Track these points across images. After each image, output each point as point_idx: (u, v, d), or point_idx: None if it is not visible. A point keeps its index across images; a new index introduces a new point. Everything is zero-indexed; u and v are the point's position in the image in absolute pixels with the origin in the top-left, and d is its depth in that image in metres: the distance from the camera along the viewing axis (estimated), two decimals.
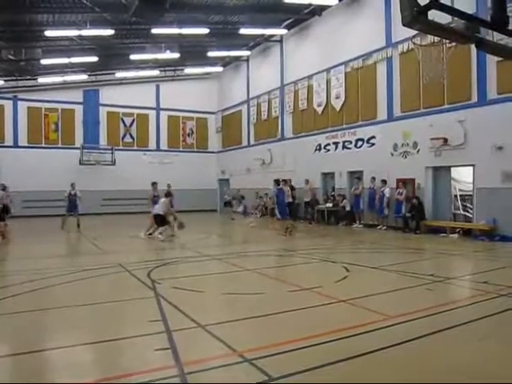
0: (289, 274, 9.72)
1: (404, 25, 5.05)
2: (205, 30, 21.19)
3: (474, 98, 15.27)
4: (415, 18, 4.96)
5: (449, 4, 5.63)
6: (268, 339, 5.14)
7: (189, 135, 32.38)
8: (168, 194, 15.16)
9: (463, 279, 8.37)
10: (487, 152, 14.51)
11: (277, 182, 16.14)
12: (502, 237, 12.69)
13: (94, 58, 23.81)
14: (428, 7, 4.98)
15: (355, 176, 17.17)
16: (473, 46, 14.28)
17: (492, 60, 14.33)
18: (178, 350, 4.78)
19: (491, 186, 12.34)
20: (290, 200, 16.64)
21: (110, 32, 19.60)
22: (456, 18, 5.74)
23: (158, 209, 14.58)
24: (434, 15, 5.23)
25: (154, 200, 16.00)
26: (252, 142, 29.14)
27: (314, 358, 4.60)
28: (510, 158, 14.00)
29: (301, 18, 22.83)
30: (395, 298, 7.58)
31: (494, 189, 11.79)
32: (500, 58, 13.42)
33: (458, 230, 14.86)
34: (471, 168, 15.00)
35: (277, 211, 16.08)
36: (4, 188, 16.64)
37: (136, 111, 30.53)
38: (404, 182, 17.29)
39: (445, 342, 5.24)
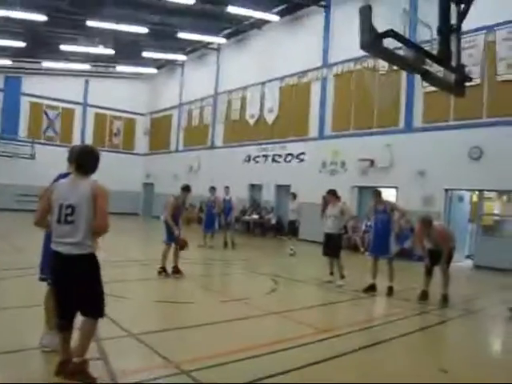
0: (218, 284, 9.55)
1: (362, 48, 5.17)
2: (143, 30, 20.64)
3: (401, 125, 16.05)
4: (372, 43, 5.09)
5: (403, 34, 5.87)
6: (202, 350, 4.95)
7: (115, 135, 31.28)
8: None
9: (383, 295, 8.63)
10: (410, 176, 15.29)
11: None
12: (419, 257, 13.29)
13: (21, 44, 22.34)
14: (385, 34, 5.13)
15: (290, 192, 16.92)
16: (403, 76, 15.01)
17: (420, 90, 15.16)
18: (110, 360, 4.44)
19: (412, 208, 12.92)
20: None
21: (42, 18, 18.47)
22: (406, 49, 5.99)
23: None
24: (388, 44, 5.41)
25: None
26: (181, 147, 28.71)
27: (250, 370, 4.48)
28: (430, 183, 14.84)
29: (241, 29, 22.90)
30: (325, 311, 7.69)
31: (414, 212, 12.33)
32: (427, 90, 14.27)
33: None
34: (394, 190, 15.69)
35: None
36: None
37: (61, 105, 28.96)
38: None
39: (379, 355, 5.34)
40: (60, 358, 3.98)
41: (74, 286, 3.88)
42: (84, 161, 4.04)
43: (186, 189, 9.70)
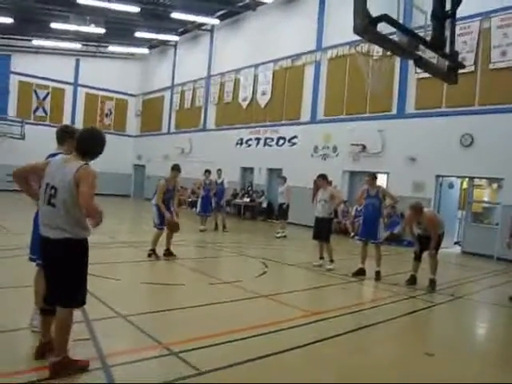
0: (208, 267, 9.57)
1: (355, 32, 5.13)
2: (135, 9, 20.33)
3: (394, 110, 16.05)
4: (366, 27, 5.05)
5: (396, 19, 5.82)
6: (192, 332, 4.97)
7: (107, 116, 30.96)
8: None
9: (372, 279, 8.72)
10: (401, 162, 15.34)
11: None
12: (408, 242, 13.41)
13: (9, 20, 21.91)
14: (378, 19, 5.10)
15: (280, 175, 16.93)
16: (397, 61, 14.96)
17: (413, 77, 15.15)
18: (99, 340, 4.46)
19: (403, 194, 12.97)
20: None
21: None
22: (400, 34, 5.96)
23: None
24: (382, 28, 5.38)
25: None
26: (172, 129, 28.54)
27: (240, 352, 4.53)
28: (420, 169, 14.91)
29: (234, 11, 22.65)
30: (315, 295, 7.75)
31: (405, 197, 12.40)
32: (421, 76, 14.25)
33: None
34: (385, 176, 15.75)
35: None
36: None
37: (52, 84, 28.52)
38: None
39: (367, 338, 5.42)
40: (40, 341, 3.96)
41: (54, 272, 3.76)
42: (84, 143, 3.85)
43: (175, 167, 9.57)
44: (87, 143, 3.88)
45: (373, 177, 9.24)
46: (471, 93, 13.90)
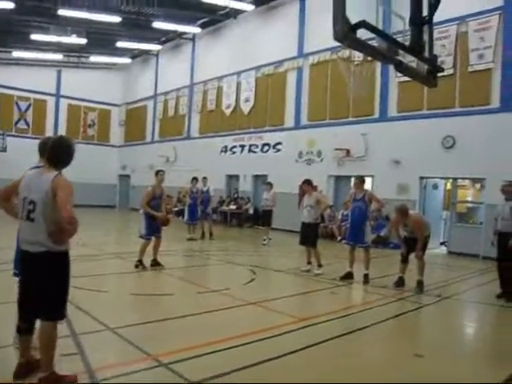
0: (196, 276, 9.51)
1: (335, 39, 5.16)
2: (116, 19, 20.27)
3: (376, 114, 16.21)
4: (346, 34, 5.08)
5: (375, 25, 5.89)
6: (181, 342, 4.93)
7: (90, 126, 30.77)
8: None
9: (360, 283, 8.76)
10: (385, 165, 15.48)
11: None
12: (395, 244, 13.51)
13: None
14: (358, 25, 5.14)
15: (266, 181, 16.94)
16: (378, 66, 15.11)
17: (394, 80, 15.32)
18: (87, 354, 4.40)
19: (387, 196, 13.06)
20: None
21: (9, 5, 17.91)
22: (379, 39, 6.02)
23: None
24: (361, 34, 5.44)
25: None
26: (156, 138, 28.45)
27: (230, 361, 4.50)
28: (404, 171, 15.06)
29: (216, 19, 22.68)
30: (303, 300, 7.75)
31: (390, 200, 12.50)
32: (401, 80, 14.41)
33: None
34: (370, 179, 15.85)
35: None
36: None
37: (33, 96, 28.29)
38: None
39: (358, 341, 5.43)
40: (19, 360, 3.86)
41: (36, 286, 3.68)
42: (55, 153, 3.82)
43: (158, 172, 9.62)
44: (58, 153, 3.84)
45: (361, 180, 9.30)
46: (451, 95, 14.10)
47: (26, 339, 3.86)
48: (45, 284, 3.68)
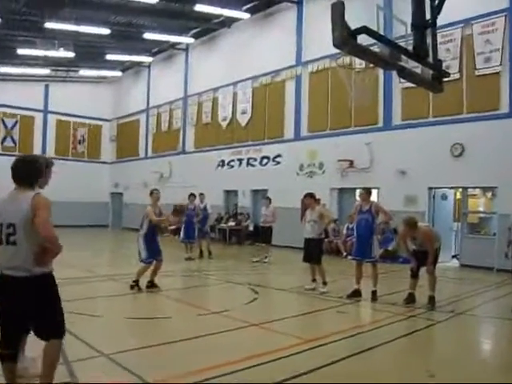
0: (195, 297, 9.49)
1: (335, 45, 5.23)
2: (105, 31, 20.48)
3: (380, 123, 16.32)
4: (345, 40, 5.15)
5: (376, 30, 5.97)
6: (181, 368, 4.92)
7: (80, 143, 30.86)
8: None
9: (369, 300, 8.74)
10: (391, 176, 15.53)
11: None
12: (404, 259, 13.48)
13: None
14: (358, 31, 5.21)
15: (265, 196, 17.01)
16: (381, 73, 15.25)
17: (398, 87, 15.42)
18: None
19: (395, 209, 13.07)
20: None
21: None
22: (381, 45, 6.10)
23: None
24: (362, 40, 5.51)
25: None
26: (150, 153, 28.54)
27: None
28: (412, 182, 15.09)
29: (209, 28, 22.92)
30: (309, 320, 7.72)
31: (397, 212, 12.50)
32: (405, 86, 14.51)
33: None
34: (376, 191, 15.87)
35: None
36: None
37: (20, 112, 28.44)
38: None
39: (368, 362, 5.40)
40: None
41: (26, 311, 3.68)
42: (18, 172, 3.80)
43: (153, 192, 9.71)
44: (20, 171, 3.82)
45: (367, 191, 9.31)
46: (458, 101, 14.20)
47: (9, 367, 3.84)
48: (36, 308, 3.70)
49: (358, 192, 16.29)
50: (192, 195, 15.18)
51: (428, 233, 8.44)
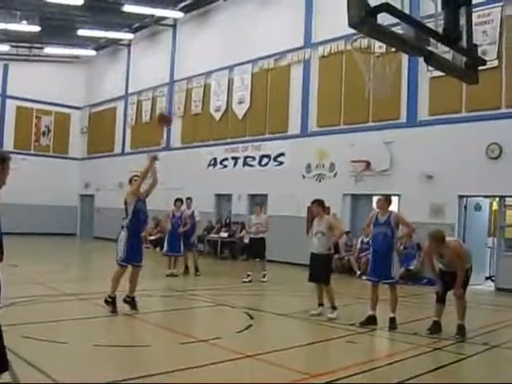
0: (178, 322, 9.47)
1: (350, 25, 5.23)
2: (77, 1, 20.48)
3: (403, 118, 16.36)
4: (363, 19, 5.15)
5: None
6: None
7: (44, 134, 30.90)
8: None
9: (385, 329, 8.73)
10: (415, 181, 15.54)
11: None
12: (429, 280, 13.52)
13: None
14: (378, 9, 5.21)
15: (256, 202, 17.06)
16: (404, 58, 15.27)
17: (425, 76, 15.45)
18: None
19: (418, 220, 13.07)
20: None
21: None
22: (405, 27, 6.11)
23: None
24: (383, 20, 5.52)
25: None
26: (127, 149, 28.57)
27: None
28: (439, 189, 15.10)
29: (201, 0, 22.96)
30: (314, 352, 7.70)
31: (421, 224, 12.51)
32: (434, 75, 14.55)
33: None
34: (396, 198, 15.89)
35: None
36: None
37: None
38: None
39: None
40: None
41: None
42: None
43: (129, 181, 10.09)
44: None
45: (386, 198, 9.29)
46: (496, 93, 14.24)
47: None
48: None
49: (374, 200, 16.39)
50: (179, 200, 15.17)
51: (458, 249, 8.44)
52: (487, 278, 15.40)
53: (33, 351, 6.39)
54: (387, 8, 5.28)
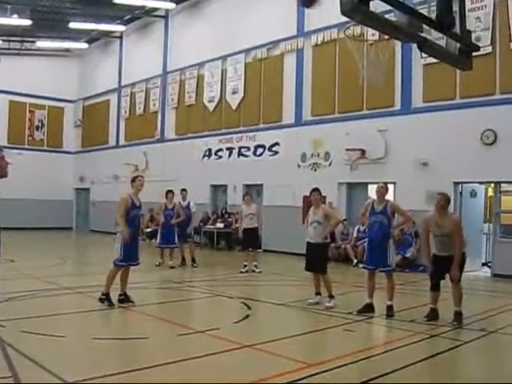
0: (175, 313, 9.48)
1: (343, 13, 5.20)
2: None
3: (397, 105, 16.35)
4: (355, 6, 5.12)
5: None
6: None
7: (38, 128, 30.83)
8: None
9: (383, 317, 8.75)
10: (410, 168, 15.56)
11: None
12: (425, 268, 13.52)
13: None
14: None
15: (248, 192, 17.05)
16: (398, 45, 15.24)
17: (418, 63, 15.43)
18: None
19: (413, 207, 13.11)
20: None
21: None
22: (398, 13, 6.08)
23: None
24: (376, 7, 5.49)
25: None
26: (122, 141, 28.54)
27: None
28: (434, 176, 15.08)
29: None
30: (312, 341, 7.72)
31: (416, 211, 12.54)
32: (427, 62, 14.53)
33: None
34: (392, 186, 15.89)
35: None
36: None
37: None
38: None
39: None
40: None
41: None
42: None
43: (132, 180, 9.78)
44: None
45: (382, 186, 9.26)
46: (490, 79, 14.22)
47: None
48: None
49: (372, 187, 16.38)
50: (170, 192, 15.08)
51: (458, 223, 8.44)
52: (483, 264, 15.45)
53: (31, 345, 6.38)
54: None
